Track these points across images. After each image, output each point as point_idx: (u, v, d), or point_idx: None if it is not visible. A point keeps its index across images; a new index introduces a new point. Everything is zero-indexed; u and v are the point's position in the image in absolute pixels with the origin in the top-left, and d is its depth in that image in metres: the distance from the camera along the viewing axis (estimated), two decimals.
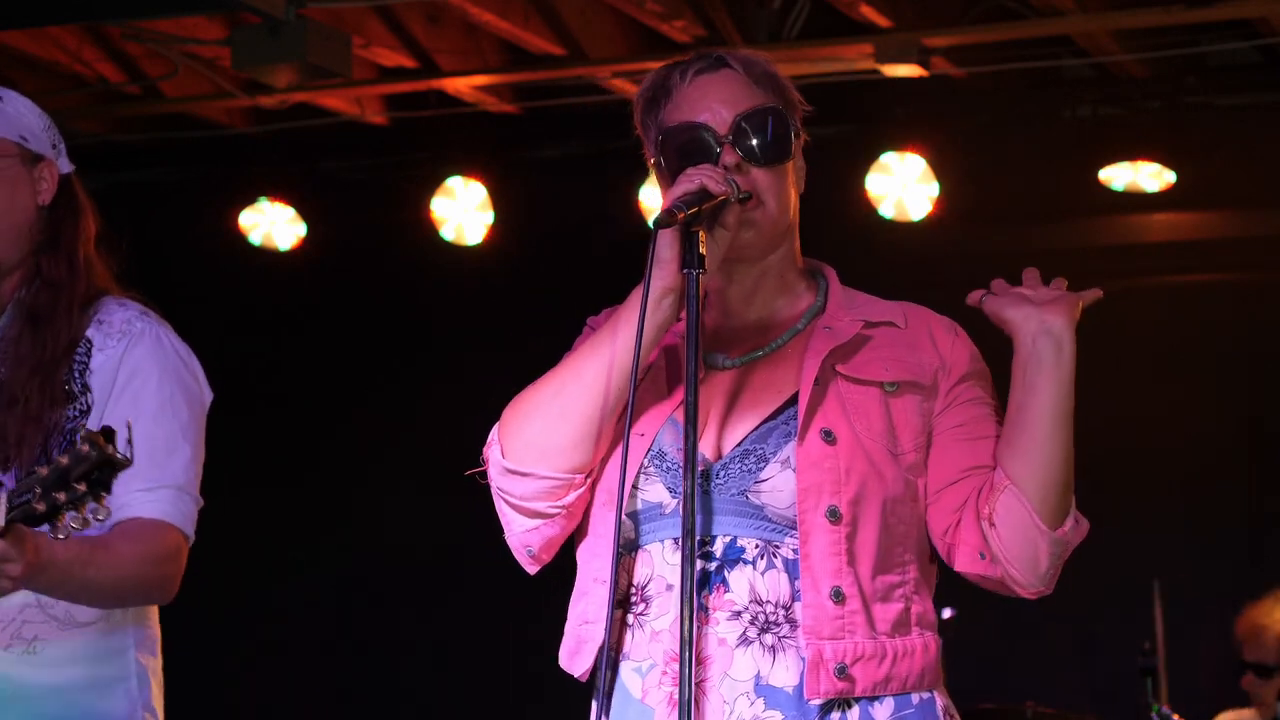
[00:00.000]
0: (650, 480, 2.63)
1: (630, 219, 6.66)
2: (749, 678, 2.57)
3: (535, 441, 2.64)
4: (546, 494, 2.65)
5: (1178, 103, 6.50)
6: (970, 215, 6.54)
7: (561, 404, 2.64)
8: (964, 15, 6.00)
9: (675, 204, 2.57)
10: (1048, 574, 2.68)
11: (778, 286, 2.74)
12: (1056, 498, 2.61)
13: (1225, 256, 6.68)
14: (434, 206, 7.04)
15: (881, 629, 2.59)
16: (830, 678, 2.55)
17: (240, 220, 7.30)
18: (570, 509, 2.66)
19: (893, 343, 2.70)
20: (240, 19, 5.70)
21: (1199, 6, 5.65)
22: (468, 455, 2.73)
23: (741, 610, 2.58)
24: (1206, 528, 6.51)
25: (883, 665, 2.58)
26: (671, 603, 2.59)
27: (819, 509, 2.56)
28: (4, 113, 3.48)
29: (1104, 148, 6.49)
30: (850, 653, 2.56)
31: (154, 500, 3.20)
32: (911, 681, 2.61)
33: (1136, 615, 6.37)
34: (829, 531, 2.56)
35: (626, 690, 2.65)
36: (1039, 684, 6.12)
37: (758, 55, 2.77)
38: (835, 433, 2.58)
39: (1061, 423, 2.61)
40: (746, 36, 6.09)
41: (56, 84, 6.76)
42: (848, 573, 2.57)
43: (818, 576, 2.56)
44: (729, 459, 2.61)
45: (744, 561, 2.59)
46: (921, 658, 2.63)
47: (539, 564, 2.74)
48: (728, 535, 2.59)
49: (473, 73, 6.50)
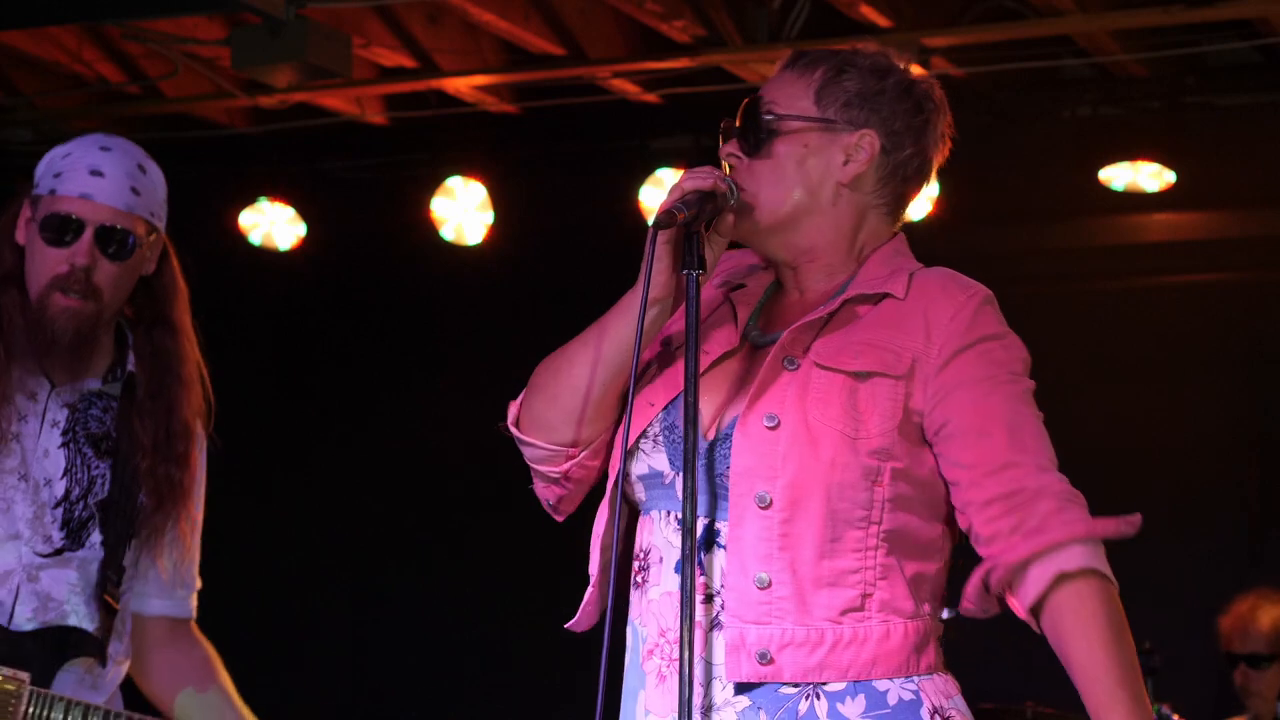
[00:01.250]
0: (657, 449, 2.66)
1: (630, 219, 6.66)
2: (720, 661, 2.58)
3: (533, 413, 2.77)
4: (546, 461, 2.77)
5: (1178, 103, 6.49)
6: (970, 215, 6.54)
7: (555, 386, 2.75)
8: (964, 15, 6.00)
9: (675, 205, 2.58)
10: None
11: (825, 269, 2.73)
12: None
13: (1225, 256, 6.68)
14: (434, 206, 7.04)
15: (822, 615, 2.55)
16: (751, 662, 2.54)
17: (240, 220, 7.30)
18: (571, 476, 2.76)
19: (879, 322, 2.65)
20: (240, 19, 5.70)
21: (1199, 6, 5.65)
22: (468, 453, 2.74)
23: (714, 594, 2.59)
24: (1206, 528, 6.51)
25: (815, 653, 2.54)
26: (663, 575, 2.64)
27: (749, 494, 2.56)
28: (147, 189, 3.81)
29: (1104, 148, 6.48)
30: (776, 639, 2.54)
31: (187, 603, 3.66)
32: (856, 670, 2.56)
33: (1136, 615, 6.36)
34: (759, 517, 2.55)
35: (633, 654, 2.69)
36: (1039, 684, 6.11)
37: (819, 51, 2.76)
38: (781, 417, 2.56)
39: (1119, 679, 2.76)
40: (746, 36, 6.09)
41: (56, 84, 6.76)
42: (779, 558, 2.55)
43: (745, 561, 2.56)
44: (715, 441, 2.63)
45: (718, 546, 2.61)
46: (877, 645, 2.57)
47: (562, 514, 2.83)
48: (706, 518, 2.60)
49: (472, 72, 6.50)
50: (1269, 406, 6.53)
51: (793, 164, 2.70)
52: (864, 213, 2.74)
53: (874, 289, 2.67)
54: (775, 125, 2.70)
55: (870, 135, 2.70)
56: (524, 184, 7.07)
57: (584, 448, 2.74)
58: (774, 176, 2.70)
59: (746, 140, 2.71)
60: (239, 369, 7.33)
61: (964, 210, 6.50)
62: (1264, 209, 6.56)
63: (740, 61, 6.24)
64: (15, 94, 6.78)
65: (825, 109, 2.70)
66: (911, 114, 2.75)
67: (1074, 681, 2.62)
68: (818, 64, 2.74)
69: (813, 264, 2.73)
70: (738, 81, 6.40)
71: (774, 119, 2.70)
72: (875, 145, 2.71)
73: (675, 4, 5.95)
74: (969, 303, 2.68)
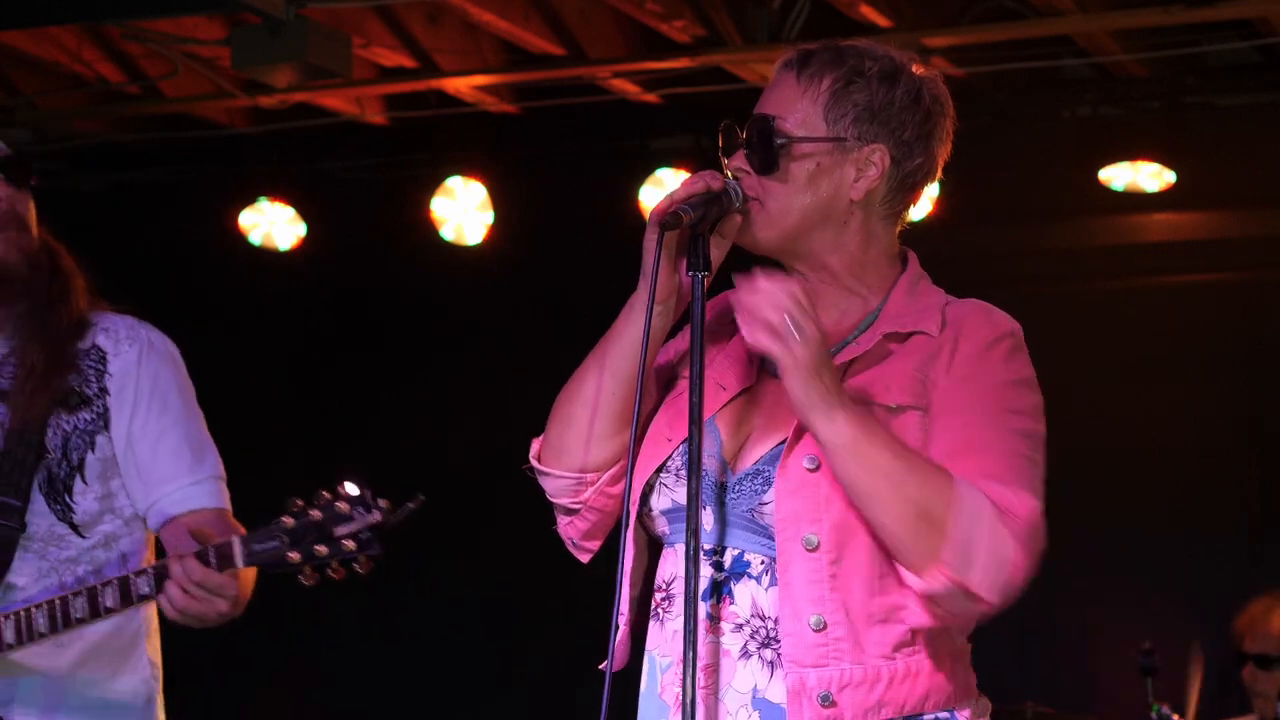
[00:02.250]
0: (680, 483, 2.64)
1: (630, 219, 6.66)
2: (748, 690, 2.59)
3: (550, 442, 2.76)
4: (566, 491, 2.75)
5: (1178, 103, 6.49)
6: (970, 215, 6.53)
7: (568, 406, 2.74)
8: (964, 15, 6.00)
9: (681, 206, 2.58)
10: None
11: (837, 294, 2.71)
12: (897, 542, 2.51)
13: (1225, 256, 6.68)
14: (434, 206, 7.04)
15: (876, 653, 2.55)
16: (814, 706, 2.54)
17: (240, 220, 7.30)
18: (593, 505, 2.75)
19: (911, 355, 2.63)
20: (240, 19, 5.70)
21: (1199, 6, 5.65)
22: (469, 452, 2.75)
23: (743, 623, 2.60)
24: (1206, 528, 6.50)
25: (874, 691, 2.54)
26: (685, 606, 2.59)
27: (796, 538, 2.55)
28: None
29: (1104, 148, 6.48)
30: (835, 681, 2.54)
31: (208, 492, 3.49)
32: (912, 704, 2.57)
33: (1136, 615, 6.37)
34: (807, 560, 2.55)
35: (650, 682, 2.69)
36: (1039, 684, 6.12)
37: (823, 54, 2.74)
38: (821, 459, 2.55)
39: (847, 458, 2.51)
40: (746, 36, 6.09)
41: (56, 84, 6.76)
42: (831, 599, 2.54)
43: (798, 604, 2.55)
44: (742, 476, 2.63)
45: (749, 576, 2.61)
46: (929, 679, 2.58)
47: (587, 553, 2.82)
48: (737, 549, 2.61)
49: (472, 72, 6.50)
50: (1269, 406, 6.53)
51: (804, 181, 2.68)
52: (873, 225, 2.73)
53: (906, 327, 2.66)
54: (780, 152, 2.67)
55: (881, 150, 2.68)
56: (524, 184, 7.07)
57: (602, 472, 2.72)
58: (784, 192, 2.68)
59: (755, 156, 2.69)
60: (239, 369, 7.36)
61: (964, 210, 6.49)
62: (1264, 209, 6.56)
63: (740, 61, 6.24)
64: (15, 94, 6.78)
65: (835, 126, 2.68)
66: (921, 122, 2.71)
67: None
68: (824, 73, 2.71)
69: (828, 293, 2.70)
70: (738, 81, 6.40)
71: (785, 141, 2.67)
72: (886, 160, 2.69)
73: (675, 4, 5.95)
74: (989, 336, 2.66)
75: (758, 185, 2.68)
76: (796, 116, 2.69)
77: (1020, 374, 2.65)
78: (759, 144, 2.69)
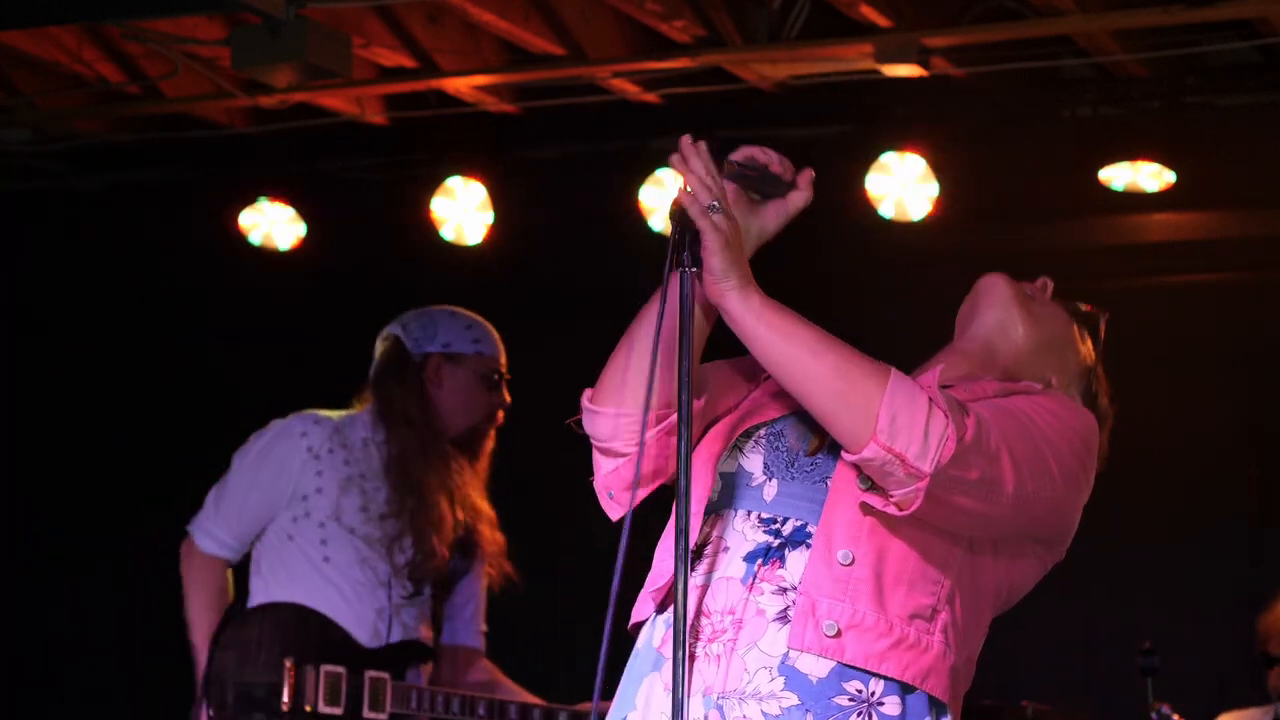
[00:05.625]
0: (755, 449, 2.69)
1: (630, 219, 6.66)
2: (778, 654, 2.56)
3: (609, 381, 2.71)
4: (623, 432, 2.69)
5: (1178, 103, 6.49)
6: (970, 215, 6.54)
7: (625, 350, 2.70)
8: (964, 15, 6.00)
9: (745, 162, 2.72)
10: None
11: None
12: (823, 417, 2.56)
13: (1225, 256, 6.67)
14: (434, 206, 7.04)
15: (895, 610, 2.56)
16: (818, 633, 2.53)
17: (240, 220, 7.30)
18: (648, 449, 2.67)
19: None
20: (240, 19, 5.69)
21: (1199, 6, 5.65)
22: None
23: (788, 589, 2.58)
24: (1206, 528, 6.50)
25: (880, 642, 2.55)
26: (722, 562, 2.63)
27: (854, 477, 2.58)
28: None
29: (1104, 148, 6.48)
30: (847, 616, 2.54)
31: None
32: (914, 674, 2.56)
33: (1136, 615, 6.37)
34: (859, 498, 2.56)
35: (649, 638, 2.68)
36: (1039, 684, 6.12)
37: None
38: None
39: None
40: (746, 36, 6.09)
41: (56, 84, 6.75)
42: (868, 542, 2.56)
43: (832, 539, 2.57)
44: (826, 448, 2.65)
45: (806, 546, 2.60)
46: (936, 658, 2.59)
47: (619, 508, 2.75)
48: (800, 520, 2.61)
49: (473, 73, 6.50)
50: (1269, 406, 6.53)
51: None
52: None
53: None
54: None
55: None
56: (524, 184, 7.07)
57: (670, 410, 2.66)
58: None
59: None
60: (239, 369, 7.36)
61: (964, 210, 6.50)
62: (1264, 209, 6.56)
63: (740, 61, 6.24)
64: (15, 94, 6.77)
65: None
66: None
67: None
68: None
69: None
70: (738, 81, 6.40)
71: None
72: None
73: (675, 4, 5.94)
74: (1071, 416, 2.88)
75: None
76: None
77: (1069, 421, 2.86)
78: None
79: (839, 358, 2.52)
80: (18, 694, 7.68)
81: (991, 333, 2.94)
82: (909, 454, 2.48)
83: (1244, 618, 6.11)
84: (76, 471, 7.74)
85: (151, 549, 7.46)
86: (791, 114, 6.76)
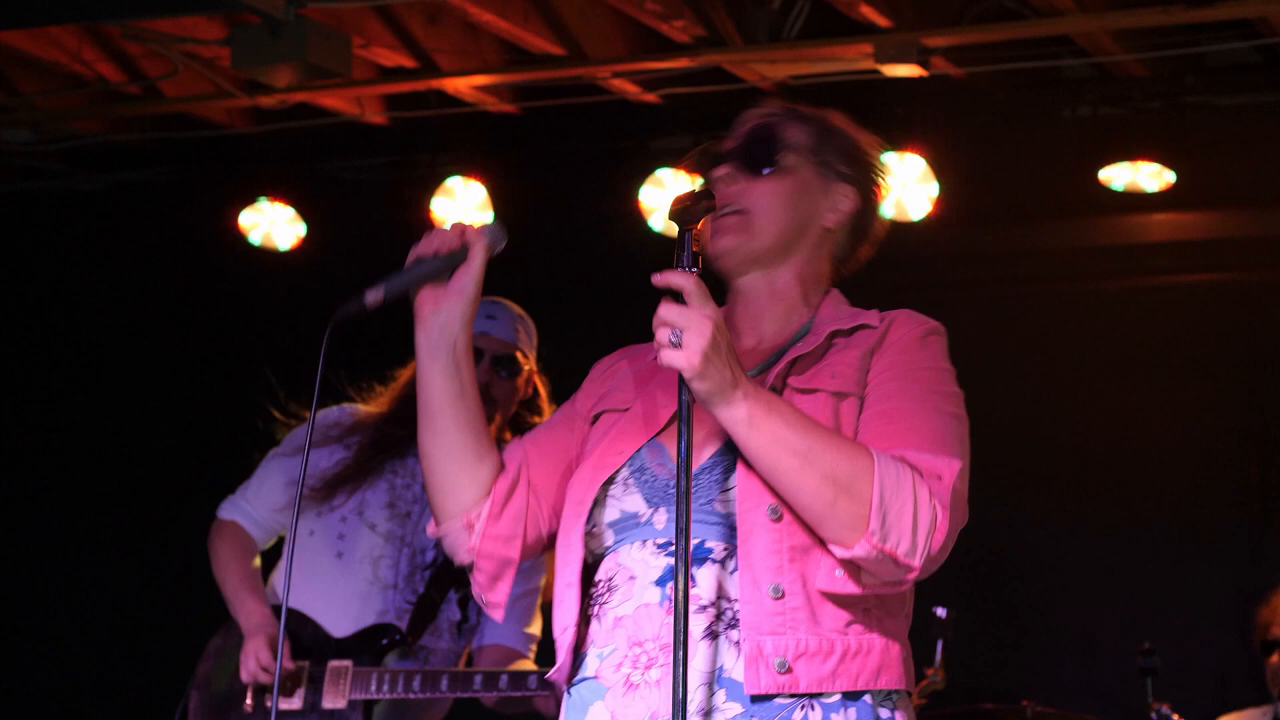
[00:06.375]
0: (629, 492, 2.73)
1: (630, 219, 6.66)
2: (711, 669, 2.62)
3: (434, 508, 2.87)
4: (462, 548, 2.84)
5: (1178, 103, 6.49)
6: (970, 215, 6.54)
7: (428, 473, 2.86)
8: (964, 15, 6.00)
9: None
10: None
11: (784, 311, 2.86)
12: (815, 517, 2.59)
13: (1225, 256, 6.67)
14: (434, 206, 7.04)
15: (830, 625, 2.61)
16: (771, 672, 2.58)
17: (240, 220, 7.30)
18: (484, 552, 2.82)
19: (856, 346, 2.77)
20: (240, 19, 5.70)
21: (1199, 6, 5.65)
22: None
23: (707, 605, 2.64)
24: (1206, 528, 6.51)
25: (828, 661, 2.60)
26: (636, 589, 2.68)
27: (760, 507, 2.62)
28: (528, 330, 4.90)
29: (1104, 148, 6.48)
30: (791, 649, 2.59)
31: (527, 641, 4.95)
32: (865, 678, 2.63)
33: (1136, 615, 6.37)
34: (770, 529, 2.61)
35: (586, 673, 2.72)
36: (1039, 684, 6.12)
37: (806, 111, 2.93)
38: None
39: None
40: (746, 36, 6.09)
41: (56, 84, 6.76)
42: (790, 570, 2.61)
43: (757, 573, 2.61)
44: (700, 472, 2.69)
45: (712, 560, 2.66)
46: (881, 655, 2.65)
47: (498, 609, 2.89)
48: (698, 538, 2.66)
49: (473, 73, 6.50)
50: (1269, 406, 6.53)
51: (792, 194, 2.85)
52: (828, 261, 2.91)
53: (848, 324, 2.79)
54: (779, 153, 2.84)
55: (852, 192, 2.90)
56: (524, 184, 7.07)
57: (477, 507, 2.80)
58: (772, 201, 2.83)
59: (748, 163, 2.84)
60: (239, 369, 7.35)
61: (964, 210, 6.50)
62: (1264, 209, 6.56)
63: (740, 61, 6.24)
64: (15, 94, 6.78)
65: (822, 154, 2.88)
66: (880, 188, 2.97)
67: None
68: (813, 117, 2.92)
69: (777, 305, 2.85)
70: (738, 81, 6.40)
71: (780, 145, 2.84)
72: (854, 203, 2.90)
73: (675, 4, 5.95)
74: (915, 330, 2.77)
75: (745, 194, 2.82)
76: (790, 135, 2.87)
77: (946, 365, 2.77)
78: (757, 146, 2.83)
79: (828, 464, 2.56)
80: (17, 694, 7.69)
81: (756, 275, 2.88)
82: (899, 551, 2.56)
83: (1244, 618, 6.11)
84: (76, 471, 7.74)
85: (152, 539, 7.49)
86: None
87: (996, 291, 6.65)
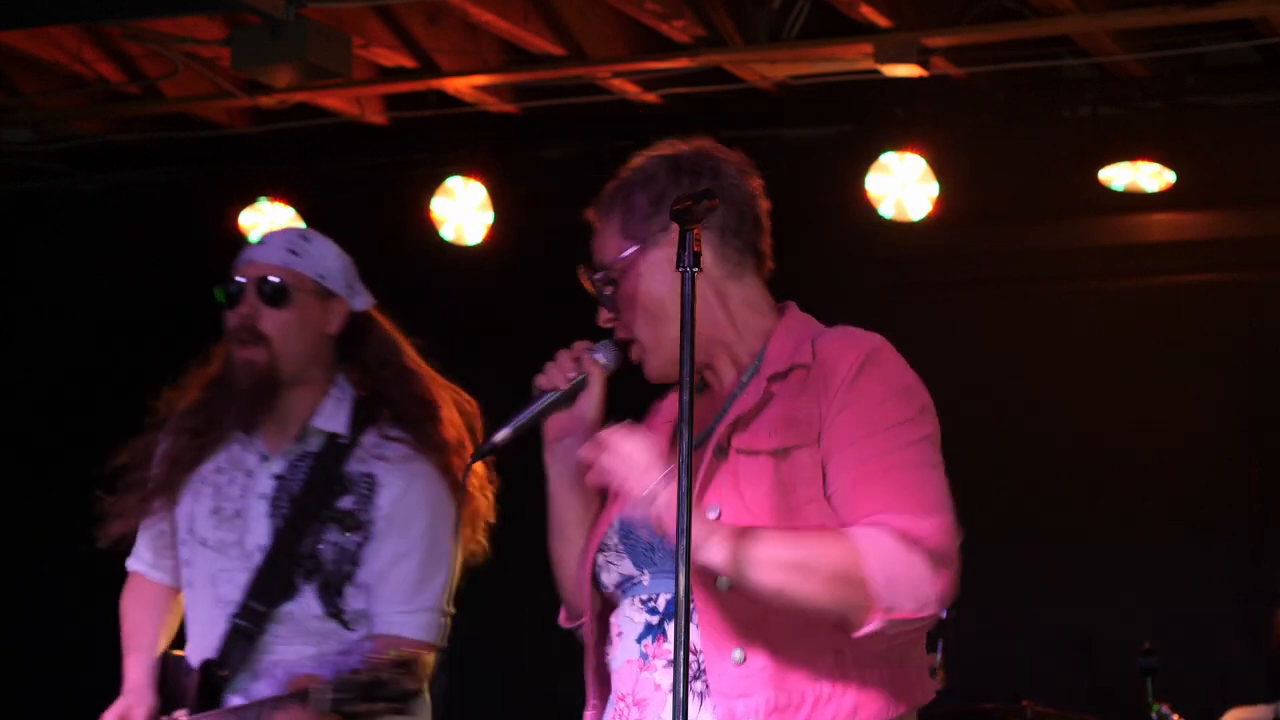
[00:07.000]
0: (621, 557, 2.80)
1: None
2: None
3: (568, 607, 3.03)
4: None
5: (1178, 103, 6.49)
6: (970, 215, 6.54)
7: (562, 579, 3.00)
8: (964, 15, 6.00)
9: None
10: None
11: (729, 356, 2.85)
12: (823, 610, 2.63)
13: (1225, 256, 6.67)
14: (434, 206, 7.04)
15: (799, 679, 2.66)
16: None
17: (240, 220, 7.30)
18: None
19: (791, 393, 2.73)
20: (240, 19, 5.70)
21: (1199, 6, 5.65)
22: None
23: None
24: (1207, 528, 6.51)
25: (800, 712, 2.65)
26: (621, 646, 2.78)
27: (710, 579, 2.65)
28: (308, 253, 4.24)
29: (1104, 148, 6.48)
30: (761, 708, 2.65)
31: (417, 623, 3.85)
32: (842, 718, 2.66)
33: (1136, 615, 6.37)
34: (722, 599, 2.67)
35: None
36: (1039, 684, 6.12)
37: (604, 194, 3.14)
38: (721, 506, 2.67)
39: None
40: (746, 36, 6.09)
41: (56, 84, 6.76)
42: (750, 634, 2.66)
43: (719, 641, 2.68)
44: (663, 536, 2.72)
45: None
46: (857, 693, 2.67)
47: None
48: (669, 593, 2.72)
49: (473, 73, 6.50)
50: (1269, 406, 6.53)
51: (665, 297, 2.82)
52: (721, 286, 2.84)
53: (785, 364, 2.75)
54: (614, 275, 2.92)
55: (672, 227, 2.70)
56: (524, 184, 7.07)
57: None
58: (654, 321, 2.85)
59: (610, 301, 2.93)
60: None
61: (964, 210, 6.50)
62: (1264, 209, 6.56)
63: (740, 61, 6.24)
64: (15, 94, 6.78)
65: (633, 237, 2.92)
66: (702, 182, 2.90)
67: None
68: (612, 202, 3.05)
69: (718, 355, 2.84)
70: (738, 81, 6.40)
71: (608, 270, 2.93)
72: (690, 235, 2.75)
73: (675, 4, 5.95)
74: (855, 360, 2.71)
75: (629, 326, 2.88)
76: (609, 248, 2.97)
77: (893, 383, 2.71)
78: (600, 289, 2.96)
79: (825, 571, 2.59)
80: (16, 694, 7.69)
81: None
82: (908, 613, 2.60)
83: (1244, 618, 6.11)
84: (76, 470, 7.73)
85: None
86: (791, 114, 6.76)
87: (996, 291, 6.64)
